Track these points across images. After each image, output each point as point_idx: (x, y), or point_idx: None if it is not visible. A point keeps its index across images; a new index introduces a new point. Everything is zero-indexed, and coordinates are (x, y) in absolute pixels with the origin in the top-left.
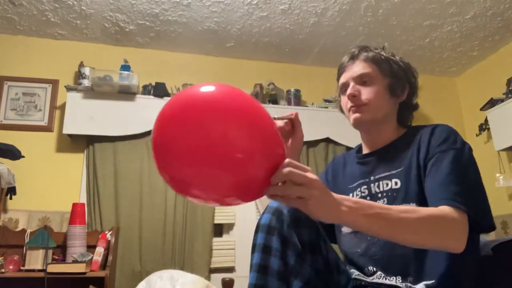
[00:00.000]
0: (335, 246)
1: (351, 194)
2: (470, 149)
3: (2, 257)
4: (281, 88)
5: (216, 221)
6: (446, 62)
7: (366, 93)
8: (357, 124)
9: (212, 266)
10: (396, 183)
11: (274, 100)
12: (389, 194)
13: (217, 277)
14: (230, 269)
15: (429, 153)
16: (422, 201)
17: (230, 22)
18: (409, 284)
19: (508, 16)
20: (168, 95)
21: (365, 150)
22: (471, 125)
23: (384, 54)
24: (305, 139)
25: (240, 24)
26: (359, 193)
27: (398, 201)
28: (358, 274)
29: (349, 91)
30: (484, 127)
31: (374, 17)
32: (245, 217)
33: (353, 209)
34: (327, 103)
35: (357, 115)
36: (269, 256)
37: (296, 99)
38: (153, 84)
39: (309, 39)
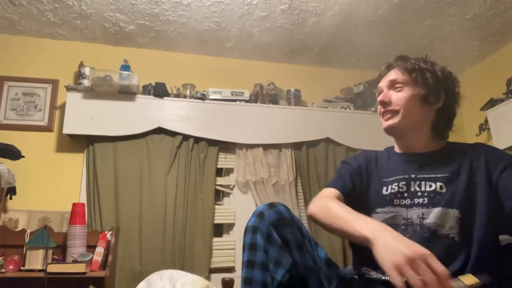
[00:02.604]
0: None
1: (384, 188)
2: None
3: (2, 257)
4: (281, 88)
5: (216, 221)
6: (446, 62)
7: (396, 98)
8: (388, 131)
9: (212, 266)
10: (441, 187)
11: (274, 100)
12: (432, 195)
13: (217, 277)
14: (230, 269)
15: (491, 167)
16: (465, 209)
17: (230, 22)
18: None
19: (508, 16)
20: (168, 95)
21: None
22: (471, 125)
23: (420, 65)
24: (305, 139)
25: (240, 24)
26: (396, 187)
27: (441, 205)
28: (376, 274)
29: (380, 97)
30: (484, 127)
31: (374, 17)
32: (245, 217)
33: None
34: (327, 103)
35: (388, 122)
36: (255, 252)
37: (296, 99)
38: (153, 84)
39: (309, 39)
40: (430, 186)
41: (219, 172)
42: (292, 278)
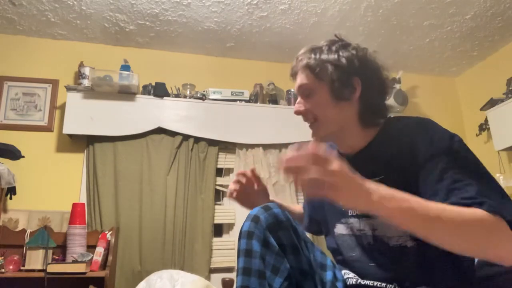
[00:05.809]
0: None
1: None
2: (460, 140)
3: (2, 257)
4: (281, 88)
5: (216, 221)
6: (446, 62)
7: (309, 107)
8: (318, 142)
9: (212, 266)
10: None
11: (274, 100)
12: None
13: (217, 277)
14: (230, 269)
15: (417, 161)
16: None
17: (230, 22)
18: None
19: (508, 16)
20: (168, 95)
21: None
22: (471, 125)
23: (321, 57)
24: (305, 139)
25: (240, 24)
26: None
27: None
28: (354, 276)
29: (294, 108)
30: (484, 127)
31: (374, 17)
32: (245, 217)
33: (386, 200)
34: None
35: (313, 136)
36: (251, 258)
37: (295, 99)
38: (153, 84)
39: (309, 39)
40: None
41: (219, 172)
42: (290, 285)
